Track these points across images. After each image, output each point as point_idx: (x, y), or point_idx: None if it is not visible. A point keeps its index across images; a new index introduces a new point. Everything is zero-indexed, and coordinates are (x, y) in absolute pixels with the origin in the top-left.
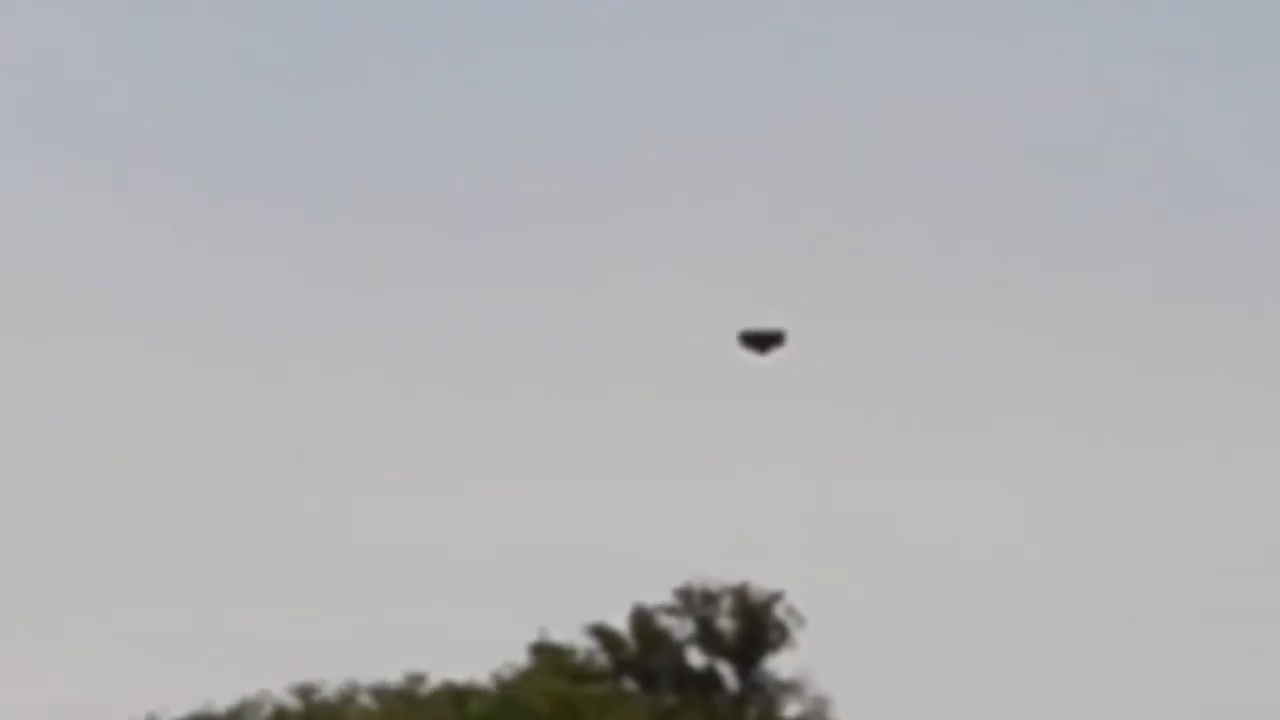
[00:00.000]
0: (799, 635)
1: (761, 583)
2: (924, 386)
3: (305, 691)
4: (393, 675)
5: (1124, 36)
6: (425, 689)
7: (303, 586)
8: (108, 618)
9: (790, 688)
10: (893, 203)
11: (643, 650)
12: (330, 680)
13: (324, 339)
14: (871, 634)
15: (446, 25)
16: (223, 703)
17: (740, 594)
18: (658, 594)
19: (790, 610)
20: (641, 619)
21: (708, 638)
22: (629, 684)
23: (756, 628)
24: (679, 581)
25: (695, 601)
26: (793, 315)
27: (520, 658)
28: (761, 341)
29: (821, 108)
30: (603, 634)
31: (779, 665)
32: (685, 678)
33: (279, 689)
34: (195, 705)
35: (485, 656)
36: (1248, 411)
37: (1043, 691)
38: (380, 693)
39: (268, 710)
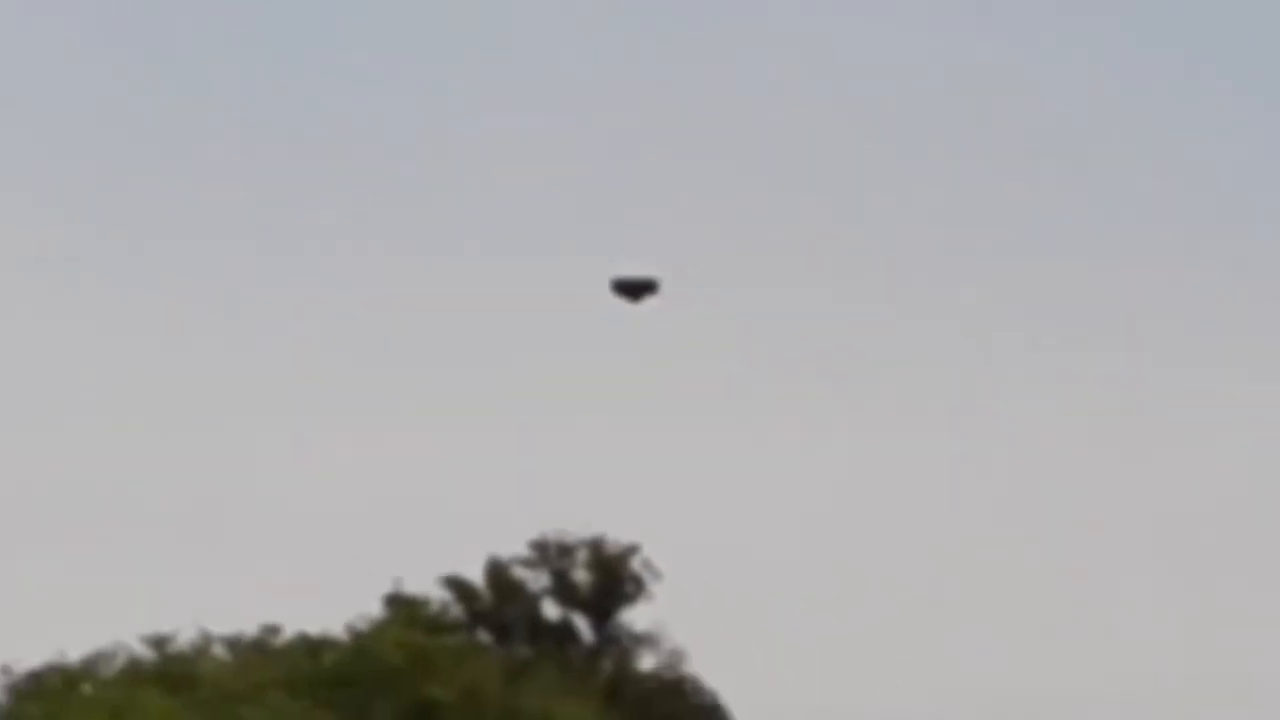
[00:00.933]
0: (654, 588)
1: (617, 535)
2: (787, 342)
3: (159, 642)
4: (247, 626)
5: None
6: (279, 640)
7: (157, 536)
8: None
9: (645, 640)
10: (773, 158)
11: (498, 602)
12: (184, 631)
13: (187, 296)
14: (726, 587)
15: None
16: (76, 653)
17: (596, 546)
18: (513, 546)
19: (645, 563)
20: (496, 571)
21: (563, 590)
22: (484, 636)
23: (612, 580)
24: (534, 533)
25: (550, 554)
26: (664, 266)
27: (375, 609)
28: (634, 289)
29: (693, 63)
30: (457, 586)
31: (634, 618)
32: (540, 630)
33: (132, 639)
34: (48, 655)
35: (340, 608)
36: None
37: (893, 644)
38: (234, 644)
39: (121, 660)
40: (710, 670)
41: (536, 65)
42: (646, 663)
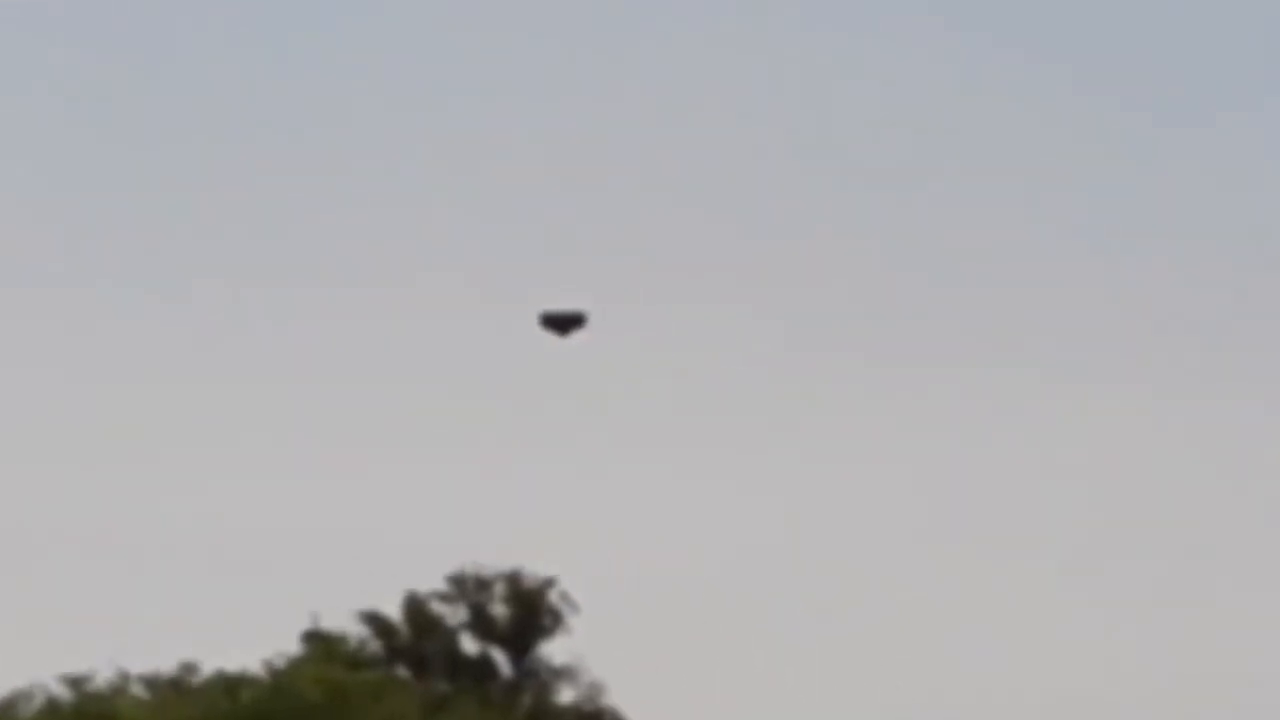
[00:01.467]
0: (573, 621)
1: (535, 569)
2: (709, 377)
3: (76, 682)
4: (164, 665)
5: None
6: (197, 678)
7: (73, 575)
8: None
9: (564, 674)
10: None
11: (415, 637)
12: (102, 670)
13: (90, 329)
14: (645, 620)
15: None
16: None
17: (513, 580)
18: (430, 581)
19: (564, 596)
20: (414, 606)
21: (481, 624)
22: (402, 671)
23: (530, 614)
24: (452, 567)
25: (468, 588)
26: (592, 300)
27: (292, 646)
28: (563, 323)
29: (613, 89)
30: (375, 621)
31: (553, 651)
32: (459, 665)
33: (50, 679)
34: None
35: (257, 644)
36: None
37: (815, 675)
38: (152, 682)
39: (39, 701)
40: (630, 703)
41: (456, 93)
42: (566, 696)
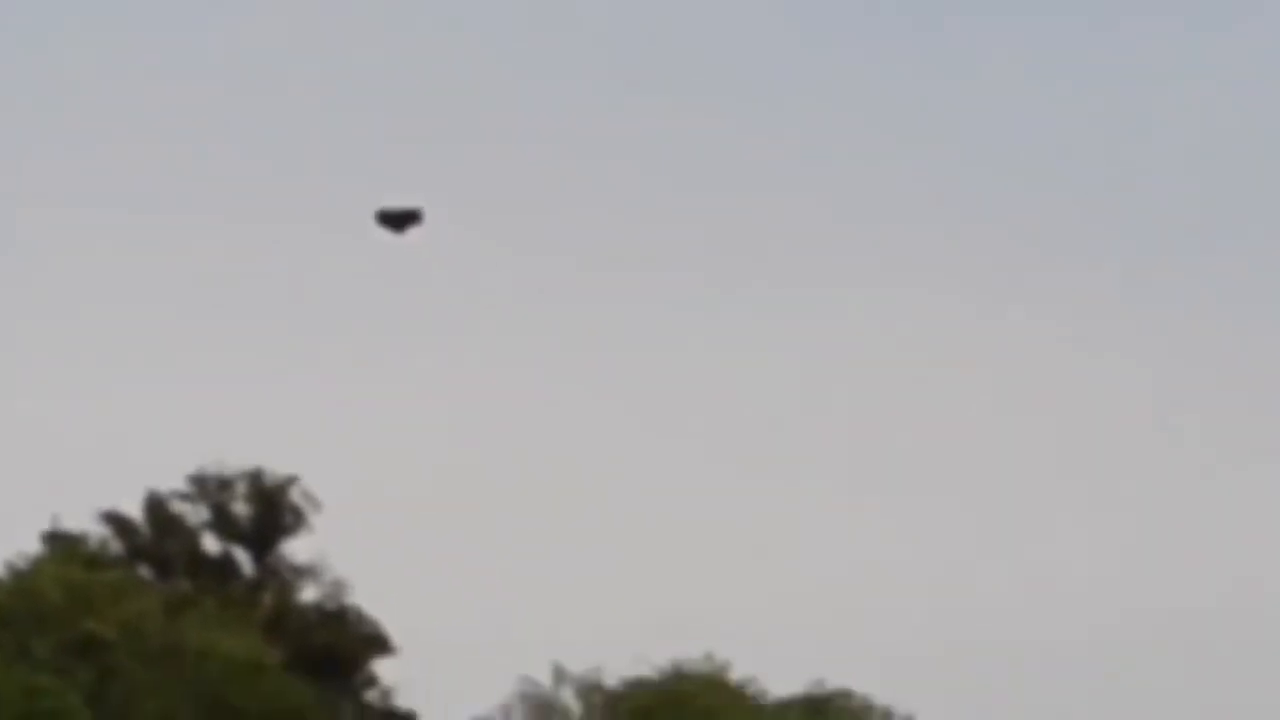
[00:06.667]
0: (315, 519)
1: (276, 468)
2: (457, 281)
3: None
4: None
5: None
6: None
7: None
8: None
9: (307, 571)
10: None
11: (157, 537)
12: None
13: None
14: (386, 518)
15: None
16: None
17: (255, 478)
18: (171, 480)
19: (305, 494)
20: (155, 505)
21: (222, 523)
22: (144, 571)
23: (272, 513)
24: (193, 467)
25: (209, 487)
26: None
27: (33, 546)
28: (399, 220)
29: None
30: (116, 521)
31: (295, 549)
32: (200, 564)
33: None
34: None
35: None
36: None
37: (541, 569)
38: None
39: None
40: (370, 599)
41: None
42: (308, 594)
